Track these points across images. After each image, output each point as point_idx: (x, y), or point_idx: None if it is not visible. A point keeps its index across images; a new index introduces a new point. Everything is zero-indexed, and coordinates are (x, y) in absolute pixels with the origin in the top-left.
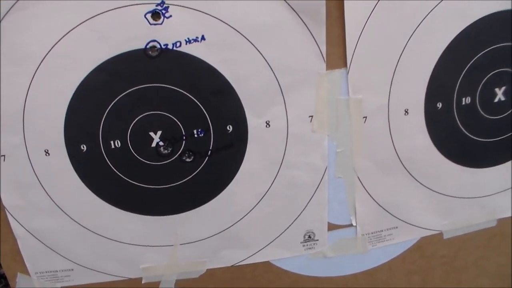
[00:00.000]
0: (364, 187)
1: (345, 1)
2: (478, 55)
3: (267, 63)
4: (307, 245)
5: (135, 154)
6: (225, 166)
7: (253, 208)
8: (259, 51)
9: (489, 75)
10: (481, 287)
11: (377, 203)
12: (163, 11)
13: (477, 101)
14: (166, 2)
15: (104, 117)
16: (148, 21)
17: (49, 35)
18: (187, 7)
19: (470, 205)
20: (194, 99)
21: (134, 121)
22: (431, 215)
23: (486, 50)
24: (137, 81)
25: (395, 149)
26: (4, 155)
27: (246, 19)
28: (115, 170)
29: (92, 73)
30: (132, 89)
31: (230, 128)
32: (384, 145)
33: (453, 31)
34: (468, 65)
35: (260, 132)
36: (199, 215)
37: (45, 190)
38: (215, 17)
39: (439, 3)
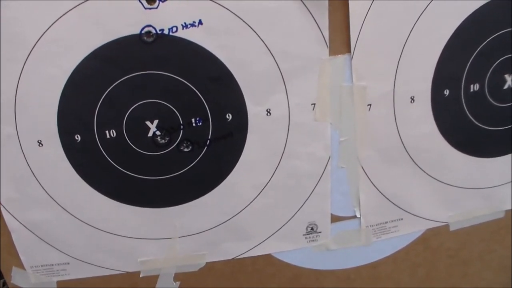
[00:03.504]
0: (368, 177)
1: None
2: (487, 40)
3: (268, 49)
4: (309, 237)
5: (131, 144)
6: (225, 156)
7: (253, 200)
8: (259, 36)
9: (499, 61)
10: (485, 280)
11: (381, 193)
12: None
13: (486, 88)
14: None
15: (98, 105)
16: (143, 5)
17: (41, 20)
18: None
19: (476, 196)
20: (192, 87)
21: (129, 110)
22: (437, 206)
23: (495, 35)
24: (133, 68)
25: (400, 138)
26: None
27: (246, 3)
28: (110, 160)
29: (86, 59)
30: (127, 77)
31: (229, 116)
32: (389, 133)
33: (460, 15)
34: (477, 51)
35: (260, 120)
36: (198, 207)
37: (39, 182)
38: (212, 1)
39: None
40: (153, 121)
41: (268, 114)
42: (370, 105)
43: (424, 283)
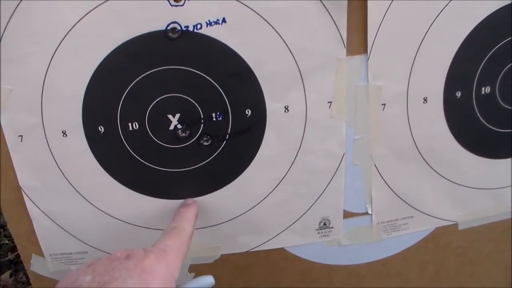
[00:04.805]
0: (381, 175)
1: None
2: (499, 45)
3: (287, 47)
4: (322, 232)
5: (153, 137)
6: (243, 151)
7: (269, 194)
8: (279, 35)
9: (510, 64)
10: (494, 279)
11: (393, 191)
12: None
13: (497, 91)
14: None
15: (122, 98)
16: (169, 3)
17: (69, 15)
18: None
19: (486, 196)
20: (213, 82)
21: (152, 103)
22: (447, 205)
23: (507, 40)
24: (157, 63)
25: (413, 137)
26: (22, 135)
27: (267, 2)
28: (132, 152)
29: (112, 54)
30: (151, 71)
31: (248, 112)
32: (402, 133)
33: (474, 20)
34: (489, 54)
35: (278, 117)
36: (215, 200)
37: (61, 171)
38: (236, 0)
39: None
40: (175, 115)
41: (286, 110)
42: (385, 104)
43: (433, 281)
